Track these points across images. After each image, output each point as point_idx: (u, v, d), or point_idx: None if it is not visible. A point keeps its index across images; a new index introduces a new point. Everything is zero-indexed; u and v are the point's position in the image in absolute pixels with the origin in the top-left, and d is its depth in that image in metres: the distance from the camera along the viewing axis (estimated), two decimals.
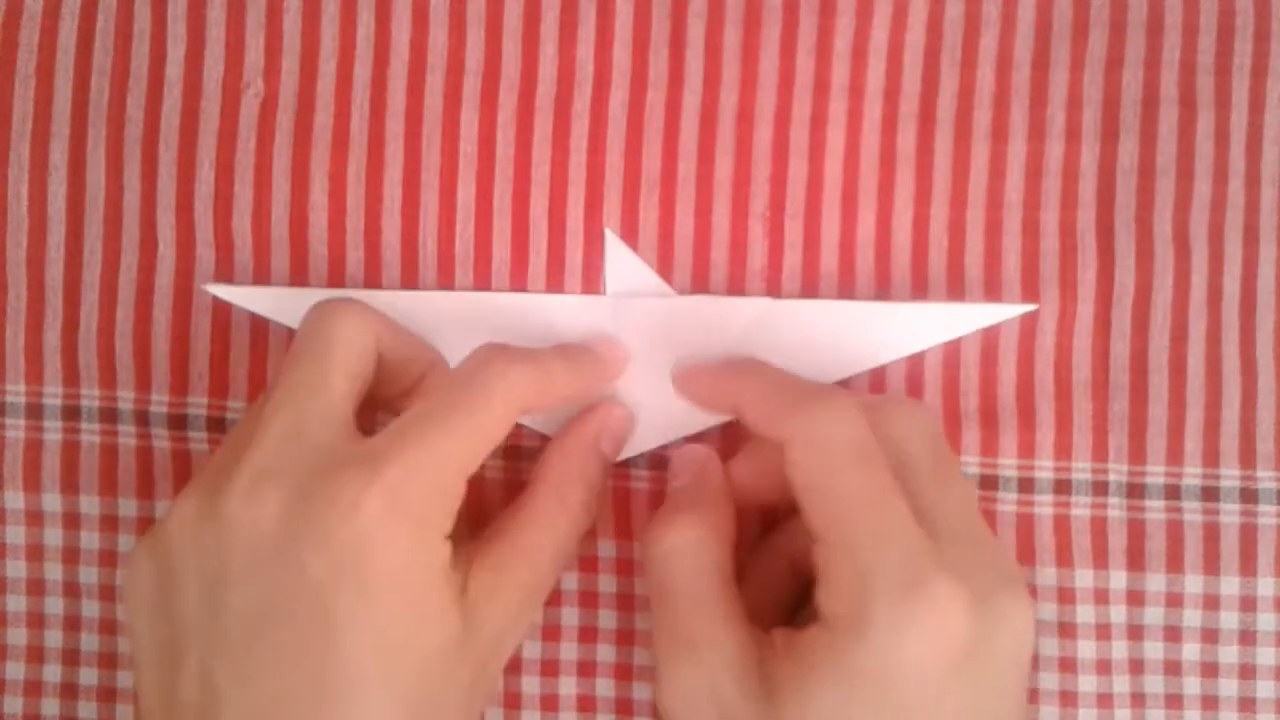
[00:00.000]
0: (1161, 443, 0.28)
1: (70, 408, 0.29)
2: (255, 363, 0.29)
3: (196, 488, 0.24)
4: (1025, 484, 0.28)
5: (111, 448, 0.29)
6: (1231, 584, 0.28)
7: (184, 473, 0.29)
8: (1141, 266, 0.28)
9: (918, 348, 0.28)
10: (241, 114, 0.29)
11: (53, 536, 0.29)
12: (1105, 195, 0.28)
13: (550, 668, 0.29)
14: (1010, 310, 0.28)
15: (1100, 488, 0.28)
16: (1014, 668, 0.23)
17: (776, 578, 0.27)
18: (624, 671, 0.29)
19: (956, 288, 0.28)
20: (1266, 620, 0.28)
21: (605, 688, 0.29)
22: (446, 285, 0.29)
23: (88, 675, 0.29)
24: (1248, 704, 0.28)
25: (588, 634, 0.29)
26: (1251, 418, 0.28)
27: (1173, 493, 0.28)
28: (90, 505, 0.29)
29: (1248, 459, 0.28)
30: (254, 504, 0.22)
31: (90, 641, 0.29)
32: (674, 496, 0.26)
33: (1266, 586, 0.28)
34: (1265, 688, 0.28)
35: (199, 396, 0.29)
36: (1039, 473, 0.28)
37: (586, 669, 0.29)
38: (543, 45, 0.28)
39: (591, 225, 0.29)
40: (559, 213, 0.29)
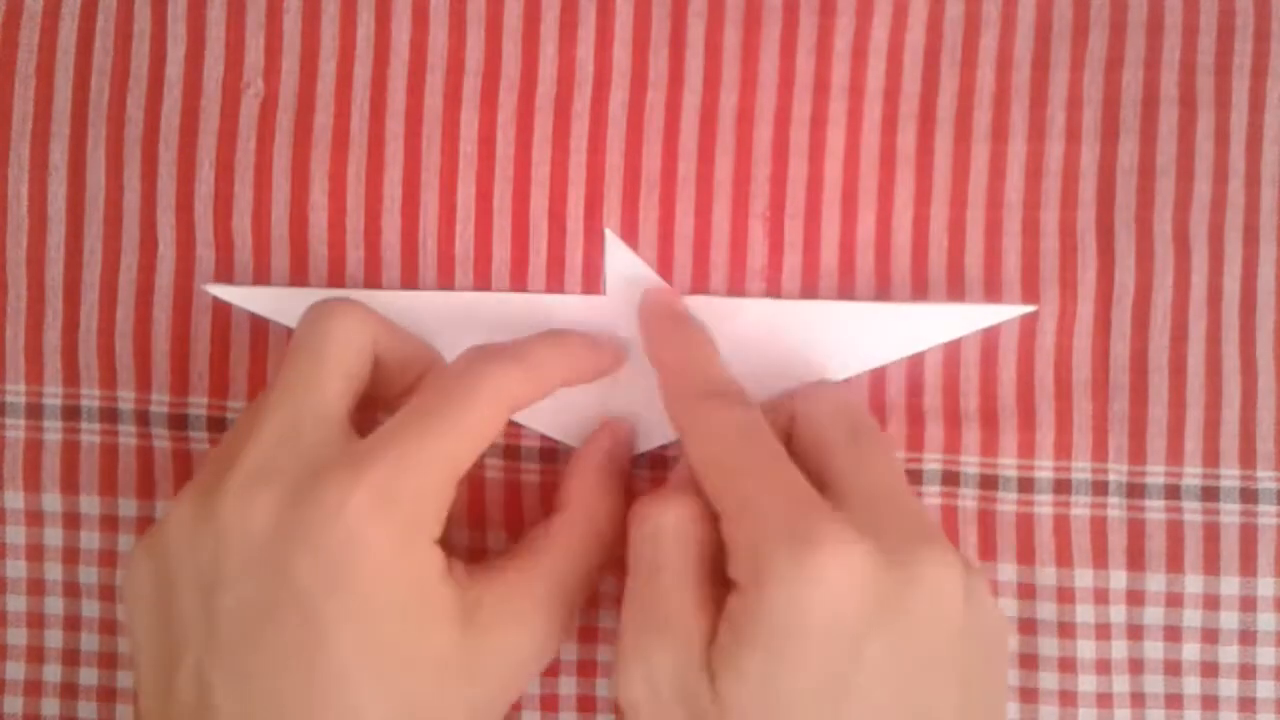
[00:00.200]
0: (1161, 443, 0.28)
1: (70, 408, 0.29)
2: (255, 363, 0.29)
3: (194, 489, 0.24)
4: (1025, 484, 0.28)
5: (111, 448, 0.29)
6: (1231, 584, 0.28)
7: (184, 473, 0.29)
8: (1141, 266, 0.28)
9: (918, 348, 0.28)
10: (241, 114, 0.29)
11: (53, 536, 0.29)
12: (1105, 195, 0.28)
13: (550, 668, 0.29)
14: (1010, 311, 0.28)
15: (1100, 488, 0.28)
16: (944, 630, 0.22)
17: None
18: None
19: (956, 287, 0.28)
20: (1266, 620, 0.28)
21: (605, 688, 0.29)
22: (446, 285, 0.29)
23: (88, 675, 0.29)
24: (1248, 704, 0.28)
25: (588, 634, 0.29)
26: (1251, 418, 0.28)
27: (1173, 493, 0.28)
28: (90, 505, 0.29)
29: (1248, 459, 0.28)
30: (247, 506, 0.23)
31: (90, 641, 0.29)
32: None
33: (1266, 586, 0.28)
34: (1265, 688, 0.28)
35: (199, 396, 0.29)
36: (1039, 473, 0.28)
37: (586, 669, 0.29)
38: (543, 45, 0.28)
39: (591, 225, 0.29)
40: (559, 213, 0.29)
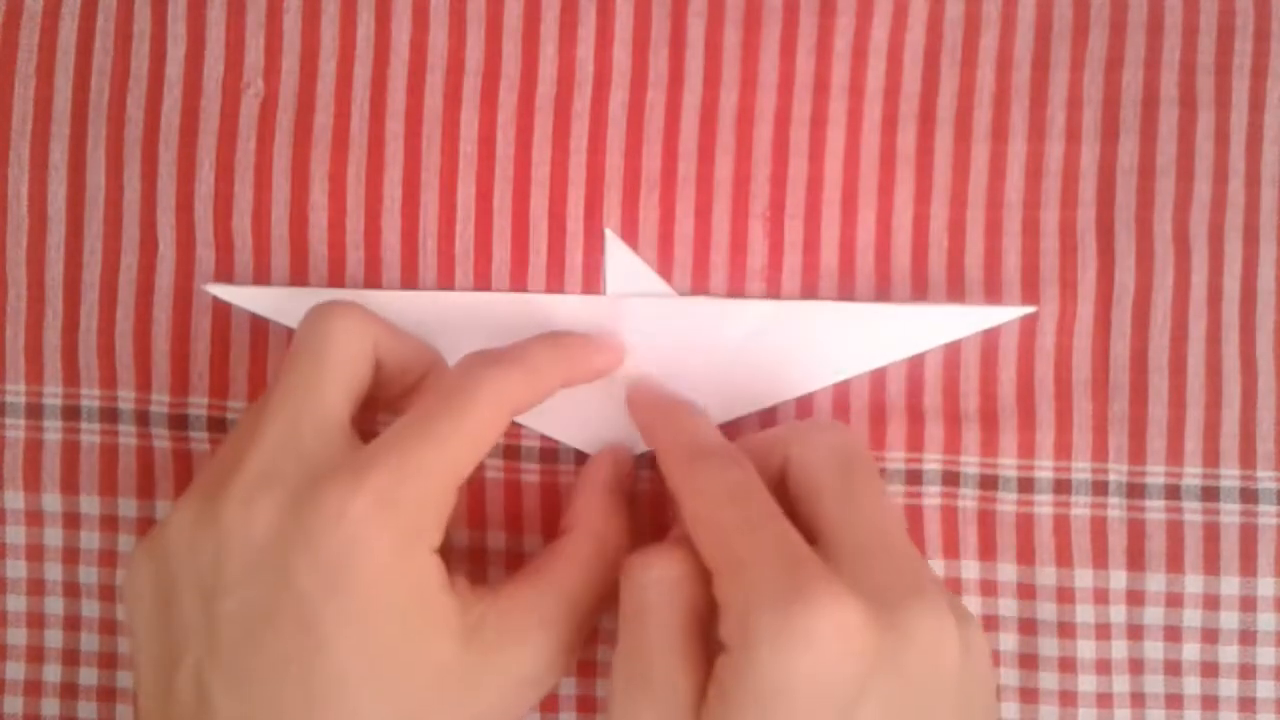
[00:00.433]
0: (1161, 443, 0.28)
1: (70, 408, 0.29)
2: (255, 363, 0.29)
3: (195, 492, 0.24)
4: (1025, 484, 0.28)
5: (111, 448, 0.29)
6: (1231, 584, 0.28)
7: (184, 473, 0.29)
8: (1141, 266, 0.28)
9: (918, 349, 0.28)
10: (241, 114, 0.29)
11: (53, 536, 0.29)
12: (1105, 195, 0.28)
13: None
14: (1010, 312, 0.28)
15: (1100, 488, 0.28)
16: (938, 686, 0.22)
17: None
18: None
19: (956, 287, 0.28)
20: (1266, 620, 0.28)
21: (605, 688, 0.29)
22: (446, 285, 0.29)
23: (88, 675, 0.29)
24: (1248, 704, 0.28)
25: (588, 635, 0.29)
26: (1251, 418, 0.28)
27: (1173, 493, 0.28)
28: (90, 505, 0.29)
29: (1248, 459, 0.28)
30: (249, 511, 0.23)
31: (90, 641, 0.29)
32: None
33: (1266, 586, 0.28)
34: (1265, 688, 0.28)
35: (199, 396, 0.29)
36: (1039, 473, 0.28)
37: (586, 669, 0.29)
38: (543, 45, 0.28)
39: (591, 225, 0.29)
40: (559, 213, 0.29)
